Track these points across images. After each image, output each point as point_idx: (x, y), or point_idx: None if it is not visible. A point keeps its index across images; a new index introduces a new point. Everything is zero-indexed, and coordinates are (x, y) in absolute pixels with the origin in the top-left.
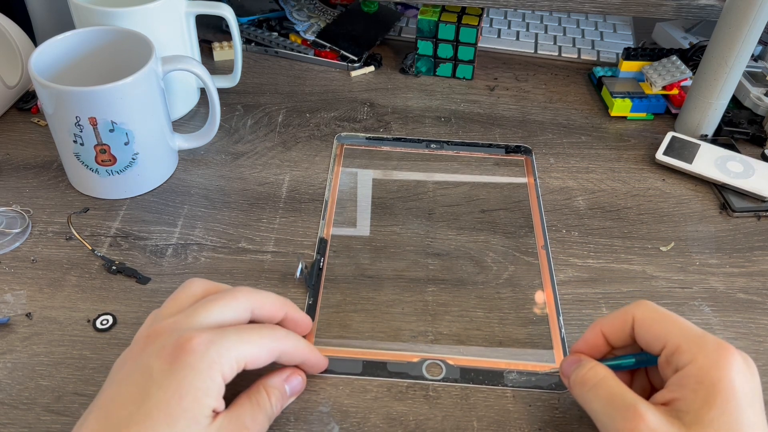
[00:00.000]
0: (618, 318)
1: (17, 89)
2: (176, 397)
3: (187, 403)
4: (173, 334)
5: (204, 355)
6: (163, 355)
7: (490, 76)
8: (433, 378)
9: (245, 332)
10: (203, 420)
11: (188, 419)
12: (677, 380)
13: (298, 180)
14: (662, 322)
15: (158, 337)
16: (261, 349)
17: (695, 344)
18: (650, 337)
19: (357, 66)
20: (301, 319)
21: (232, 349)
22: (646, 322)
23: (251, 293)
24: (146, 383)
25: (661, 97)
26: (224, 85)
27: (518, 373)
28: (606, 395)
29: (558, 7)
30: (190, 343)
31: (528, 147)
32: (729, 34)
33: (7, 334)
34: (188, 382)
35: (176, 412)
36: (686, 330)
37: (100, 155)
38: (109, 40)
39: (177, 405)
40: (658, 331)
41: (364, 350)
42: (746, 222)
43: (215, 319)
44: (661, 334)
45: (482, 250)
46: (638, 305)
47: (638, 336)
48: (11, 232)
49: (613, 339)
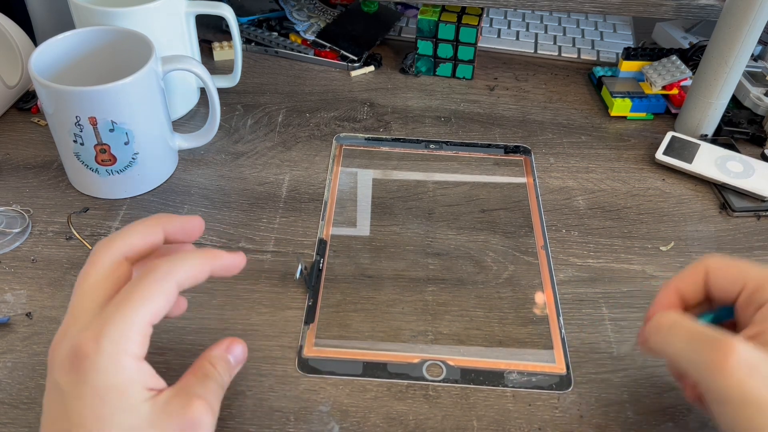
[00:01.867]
0: (690, 272)
1: (17, 89)
2: (98, 400)
3: (114, 400)
4: (64, 343)
5: (100, 353)
6: (64, 369)
7: (490, 76)
8: (433, 379)
9: (128, 302)
10: (140, 407)
11: (123, 413)
12: (763, 314)
13: (298, 180)
14: (738, 266)
15: (54, 352)
16: (157, 304)
17: None
18: (727, 282)
19: (357, 66)
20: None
21: (124, 330)
22: (721, 270)
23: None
24: (63, 400)
25: (661, 97)
26: (224, 85)
27: (519, 373)
28: (686, 332)
29: (558, 7)
30: (82, 348)
31: (527, 147)
32: (729, 34)
33: (7, 334)
34: (102, 382)
35: (106, 411)
36: (763, 270)
37: (100, 155)
38: (109, 40)
39: (103, 406)
40: (735, 274)
41: (365, 351)
42: (746, 222)
43: (99, 300)
44: (738, 277)
45: (482, 250)
46: (709, 257)
47: (714, 284)
48: (11, 232)
49: (688, 294)
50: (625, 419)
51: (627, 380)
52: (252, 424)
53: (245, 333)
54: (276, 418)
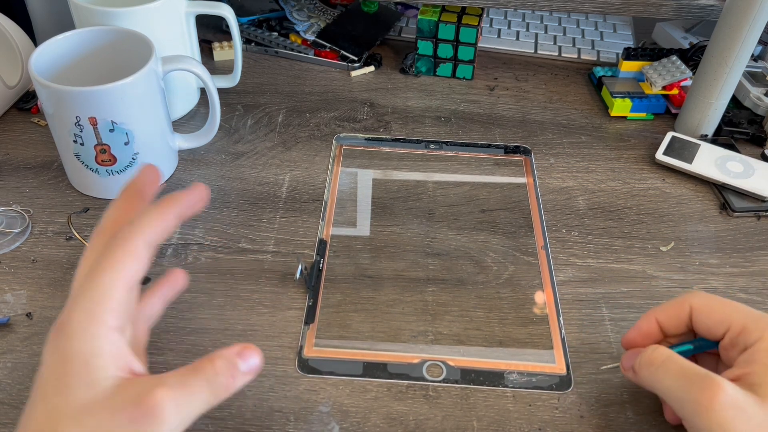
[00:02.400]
0: (674, 307)
1: (17, 89)
2: (61, 367)
3: (76, 368)
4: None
5: (71, 321)
6: (47, 345)
7: (490, 76)
8: (433, 379)
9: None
10: (102, 383)
11: (82, 385)
12: (747, 357)
13: (298, 180)
14: (723, 307)
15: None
16: (128, 268)
17: (762, 323)
18: (712, 323)
19: (357, 66)
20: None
21: (95, 297)
22: (705, 309)
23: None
24: (39, 372)
25: (661, 97)
26: (224, 85)
27: (519, 373)
28: (677, 369)
29: (558, 7)
30: (58, 321)
31: (527, 147)
32: (729, 34)
33: (7, 334)
34: (69, 348)
35: (67, 380)
36: (749, 312)
37: (100, 155)
38: (109, 40)
39: (65, 374)
40: (720, 316)
41: (365, 351)
42: (746, 222)
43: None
44: (724, 318)
45: (482, 250)
46: (693, 295)
47: (698, 323)
48: (11, 232)
49: (669, 327)
50: (625, 419)
51: (627, 380)
52: (252, 424)
53: (245, 333)
54: (276, 418)
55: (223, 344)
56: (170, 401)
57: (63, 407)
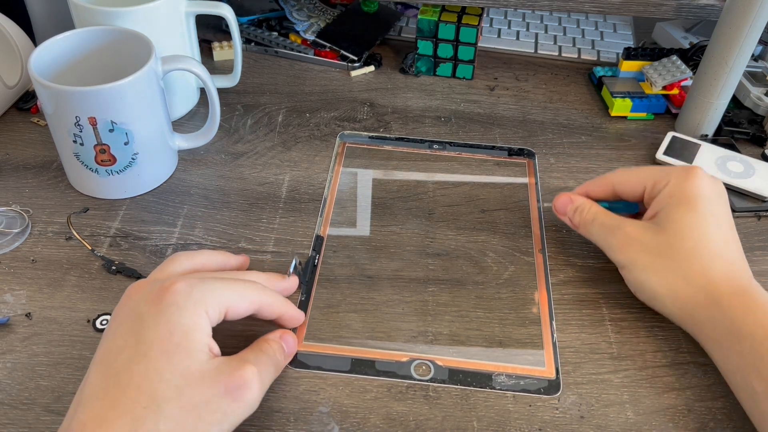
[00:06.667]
0: (600, 184)
1: (17, 89)
2: (167, 334)
3: (178, 338)
4: (157, 282)
5: (188, 295)
6: (150, 300)
7: (490, 76)
8: (421, 378)
9: (227, 280)
10: (198, 355)
11: (182, 353)
12: (657, 201)
13: (298, 180)
14: (637, 175)
15: (143, 287)
16: (242, 298)
17: (667, 173)
18: (631, 189)
19: (357, 66)
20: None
21: (215, 292)
22: (625, 182)
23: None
24: (138, 327)
25: (661, 97)
26: (224, 84)
27: (507, 376)
28: (600, 223)
29: (558, 7)
30: (174, 285)
31: (531, 150)
32: (729, 33)
33: (6, 334)
34: (176, 319)
35: (169, 347)
36: (658, 169)
37: (99, 155)
38: (109, 40)
39: (168, 341)
40: (636, 182)
41: (354, 348)
42: (746, 222)
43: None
44: (638, 182)
45: (482, 250)
46: (612, 174)
47: (622, 194)
48: (11, 232)
49: (598, 196)
50: (625, 419)
51: (627, 380)
52: (252, 424)
53: (245, 333)
54: (276, 418)
55: (222, 344)
56: (256, 375)
57: (164, 370)
